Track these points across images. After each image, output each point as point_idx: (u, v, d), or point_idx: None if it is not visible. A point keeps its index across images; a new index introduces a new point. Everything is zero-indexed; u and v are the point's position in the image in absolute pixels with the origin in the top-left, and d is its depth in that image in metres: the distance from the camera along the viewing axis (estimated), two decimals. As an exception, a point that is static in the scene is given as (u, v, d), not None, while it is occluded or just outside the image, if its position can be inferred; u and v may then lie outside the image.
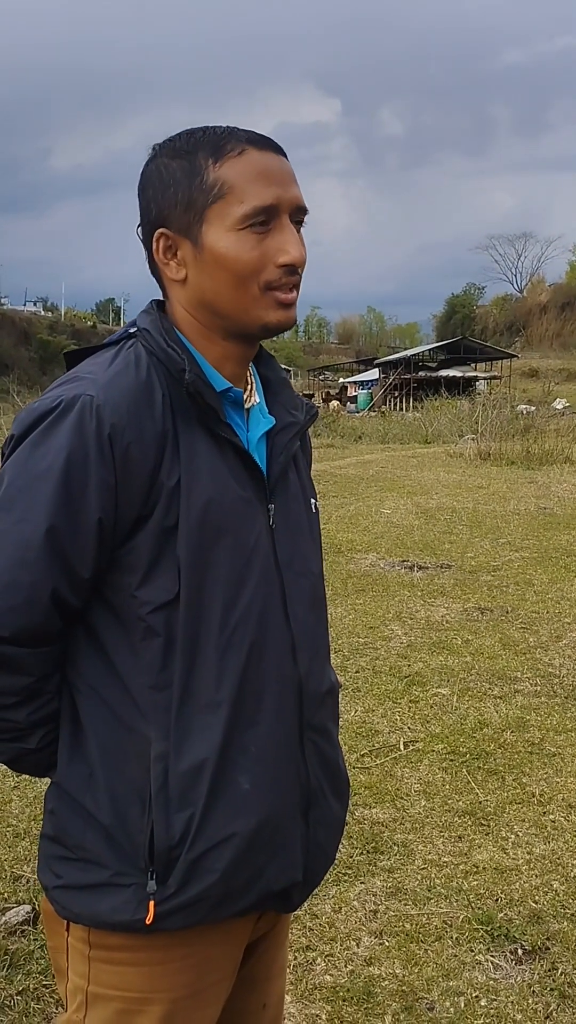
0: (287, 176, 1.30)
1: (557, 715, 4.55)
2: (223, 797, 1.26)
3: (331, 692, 1.45)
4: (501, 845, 3.35)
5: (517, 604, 6.56)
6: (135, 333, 1.33)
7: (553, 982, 2.62)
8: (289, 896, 1.36)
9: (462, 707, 4.65)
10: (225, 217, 1.26)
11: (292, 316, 1.32)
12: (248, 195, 1.26)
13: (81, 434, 1.20)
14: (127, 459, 1.22)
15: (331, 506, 10.68)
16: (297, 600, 1.36)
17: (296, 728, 1.34)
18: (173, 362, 1.27)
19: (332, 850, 1.45)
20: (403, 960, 2.71)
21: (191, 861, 1.24)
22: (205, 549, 1.25)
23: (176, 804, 1.24)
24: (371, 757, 4.07)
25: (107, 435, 1.20)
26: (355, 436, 24.68)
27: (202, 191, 1.27)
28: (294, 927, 2.84)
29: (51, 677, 1.28)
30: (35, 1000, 2.52)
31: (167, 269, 1.33)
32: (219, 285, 1.29)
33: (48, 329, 64.36)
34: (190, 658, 1.25)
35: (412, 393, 43.58)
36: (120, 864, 1.25)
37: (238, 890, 1.28)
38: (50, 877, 1.31)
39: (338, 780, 1.45)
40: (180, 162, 1.29)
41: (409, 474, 14.08)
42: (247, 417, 1.39)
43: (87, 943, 1.29)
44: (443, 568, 7.67)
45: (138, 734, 1.25)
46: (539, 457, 15.71)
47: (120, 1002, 1.29)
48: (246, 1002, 1.50)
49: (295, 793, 1.34)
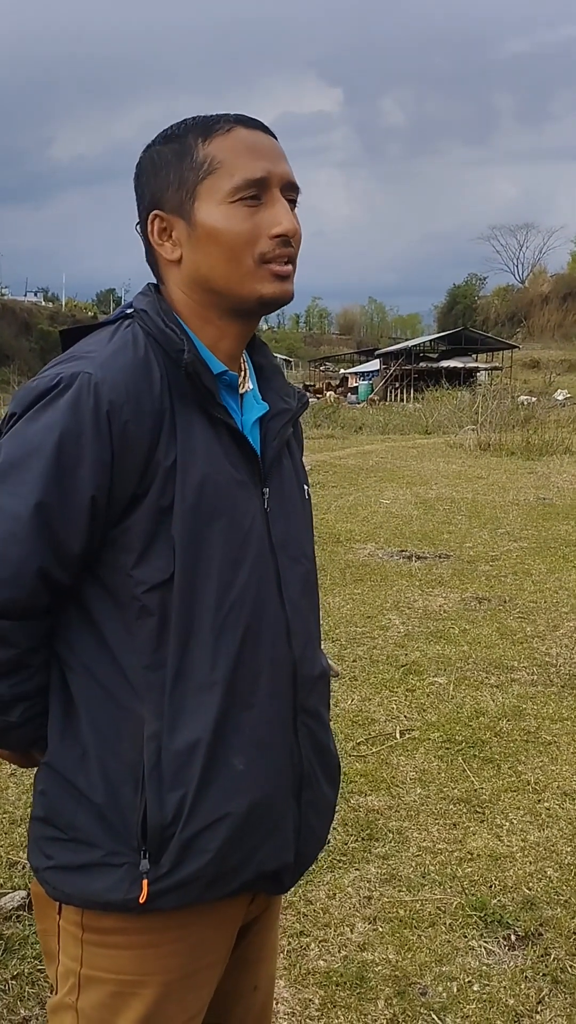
0: (276, 152, 1.32)
1: (553, 704, 4.57)
2: (217, 777, 1.26)
3: (323, 676, 1.46)
4: (496, 832, 3.36)
5: (515, 594, 6.57)
6: (132, 314, 1.34)
7: (546, 967, 2.63)
8: (280, 878, 1.37)
9: (459, 696, 4.66)
10: (216, 191, 1.28)
11: (289, 289, 1.33)
12: (238, 168, 1.28)
13: (77, 411, 1.21)
14: (124, 436, 1.22)
15: (330, 496, 10.68)
16: (291, 584, 1.37)
17: (290, 711, 1.35)
18: (171, 342, 1.28)
19: (323, 833, 1.46)
20: (396, 946, 2.72)
21: (185, 840, 1.24)
22: (200, 529, 1.26)
23: (169, 783, 1.24)
24: (367, 745, 4.08)
25: (105, 412, 1.21)
26: (355, 427, 24.67)
27: (192, 168, 1.29)
28: (288, 912, 2.85)
29: (37, 651, 1.28)
30: (30, 985, 2.53)
31: (162, 250, 1.34)
32: (214, 260, 1.29)
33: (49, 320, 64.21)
34: (184, 638, 1.25)
35: (413, 384, 43.53)
36: (113, 843, 1.25)
37: (231, 870, 1.29)
38: (41, 859, 1.31)
39: (330, 764, 1.46)
40: (171, 146, 1.31)
41: (409, 464, 14.08)
42: (241, 402, 1.39)
43: (80, 926, 1.30)
44: (441, 558, 7.67)
45: (131, 713, 1.25)
46: (539, 448, 15.71)
47: (113, 985, 1.29)
48: (237, 983, 1.50)
49: (288, 775, 1.35)
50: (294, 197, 1.33)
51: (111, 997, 1.30)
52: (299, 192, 1.34)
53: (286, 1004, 2.48)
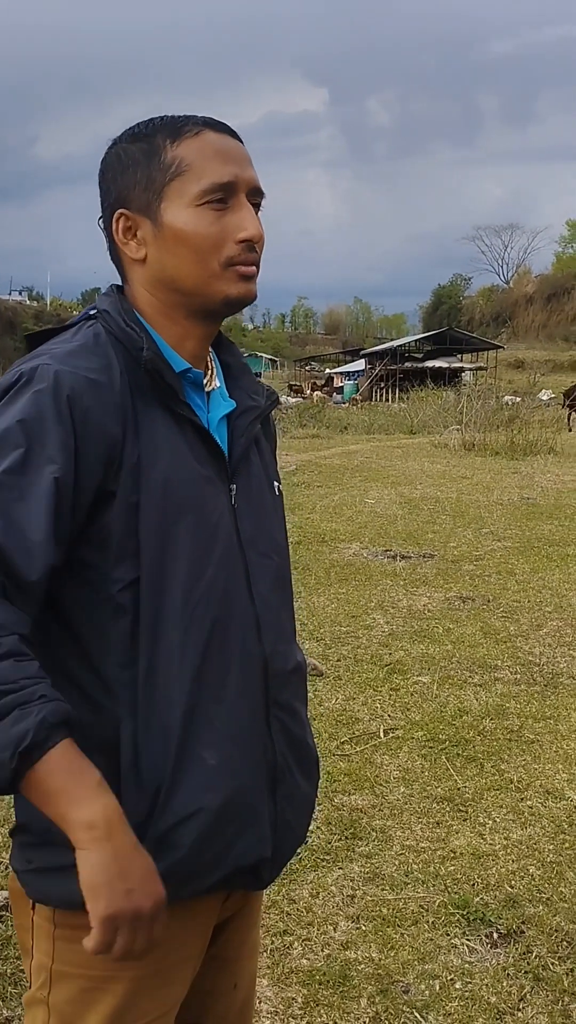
0: (244, 157, 1.34)
1: (536, 703, 4.58)
2: (189, 773, 1.26)
3: (297, 670, 1.46)
4: (478, 831, 3.37)
5: (499, 593, 6.59)
6: (95, 314, 1.35)
7: (528, 965, 2.65)
8: (259, 872, 1.37)
9: (442, 695, 4.67)
10: (184, 194, 1.29)
11: (253, 289, 1.35)
12: (206, 172, 1.29)
13: (37, 399, 1.20)
14: (87, 423, 1.21)
15: (315, 496, 10.70)
16: (261, 579, 1.37)
17: (262, 705, 1.35)
18: (131, 341, 1.29)
19: (301, 828, 1.46)
20: (379, 944, 2.73)
21: (158, 836, 1.24)
22: (167, 525, 1.26)
23: (144, 780, 1.24)
24: (351, 744, 4.09)
25: (65, 398, 1.20)
26: (341, 426, 24.69)
27: (160, 169, 1.30)
28: (271, 911, 2.86)
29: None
30: (12, 985, 2.53)
31: (127, 249, 1.34)
32: (180, 261, 1.31)
33: (34, 319, 63.96)
34: (153, 635, 1.25)
35: (398, 384, 43.61)
36: None
37: (207, 866, 1.29)
38: (22, 862, 1.32)
39: (306, 759, 1.46)
40: (139, 145, 1.32)
41: (394, 464, 14.10)
42: (208, 400, 1.40)
43: (52, 922, 1.30)
44: (426, 558, 7.69)
45: (107, 712, 1.25)
46: (523, 448, 15.77)
47: (83, 980, 1.29)
48: (217, 982, 1.50)
49: (262, 770, 1.35)
50: (259, 201, 1.36)
51: (81, 992, 1.30)
52: (263, 196, 1.36)
53: (269, 1003, 2.48)
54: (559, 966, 2.64)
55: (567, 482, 12.21)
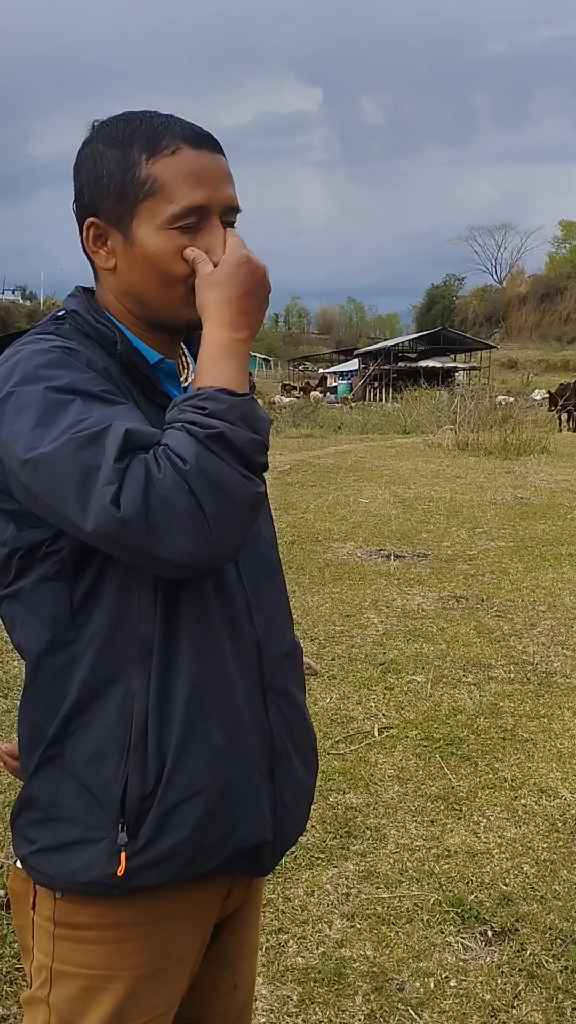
0: (220, 176, 1.31)
1: (530, 702, 4.60)
2: (193, 752, 1.27)
3: (291, 654, 1.46)
4: (473, 829, 3.38)
5: (492, 592, 6.60)
6: (63, 316, 1.34)
7: (522, 963, 2.66)
8: (260, 856, 1.37)
9: (436, 694, 4.68)
10: (155, 215, 1.28)
11: None
12: (178, 195, 1.27)
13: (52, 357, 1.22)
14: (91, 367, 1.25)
15: (309, 495, 10.70)
16: (249, 564, 1.38)
17: (258, 688, 1.36)
18: (105, 337, 1.30)
19: (301, 814, 1.46)
20: (374, 942, 2.74)
21: (162, 813, 1.25)
22: None
23: (153, 754, 1.25)
24: (345, 743, 4.09)
25: (73, 352, 1.23)
26: (334, 426, 24.70)
27: (134, 186, 1.28)
28: (267, 909, 2.86)
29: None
30: (7, 983, 2.53)
31: (96, 258, 1.34)
32: (146, 282, 1.31)
33: (27, 318, 63.94)
34: (168, 615, 1.26)
35: (392, 384, 43.64)
36: (92, 818, 1.26)
37: (210, 846, 1.29)
38: (25, 845, 1.32)
39: (303, 743, 1.46)
40: (115, 152, 1.30)
41: (387, 464, 14.11)
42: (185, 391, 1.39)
43: (52, 921, 1.30)
44: (420, 557, 7.70)
45: (118, 688, 1.26)
46: (516, 447, 15.78)
47: (84, 979, 1.30)
48: (217, 982, 1.51)
49: (261, 752, 1.35)
50: (232, 220, 1.34)
51: (81, 991, 1.30)
52: (239, 212, 1.35)
53: (264, 1001, 2.49)
54: (553, 964, 2.65)
55: (560, 482, 12.23)
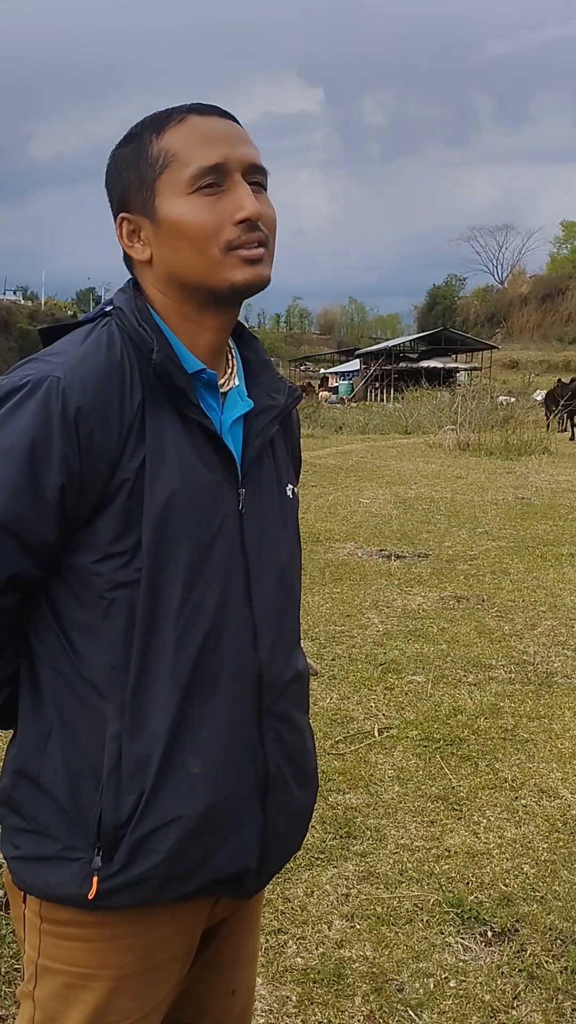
0: (234, 136, 1.29)
1: (531, 702, 4.59)
2: (171, 779, 1.25)
3: (297, 679, 1.43)
4: (473, 830, 3.37)
5: (493, 593, 6.60)
6: (110, 311, 1.33)
7: (522, 963, 2.65)
8: (242, 882, 1.35)
9: (437, 694, 4.68)
10: (174, 185, 1.26)
11: (263, 273, 1.29)
12: (192, 157, 1.26)
13: (47, 416, 1.20)
14: (91, 444, 1.21)
15: (310, 496, 10.69)
16: (261, 585, 1.35)
17: (254, 714, 1.33)
18: (143, 342, 1.27)
19: (294, 838, 1.44)
20: (374, 943, 2.73)
21: (136, 841, 1.24)
22: (168, 530, 1.25)
23: (127, 784, 1.24)
24: (345, 743, 4.09)
25: (72, 416, 1.20)
26: (335, 426, 24.70)
27: (149, 165, 1.28)
28: (266, 910, 2.85)
29: (10, 642, 1.29)
30: (6, 984, 2.52)
31: (133, 252, 1.32)
32: (181, 254, 1.28)
33: (28, 318, 63.95)
34: (147, 639, 1.25)
35: (393, 384, 43.62)
36: (70, 838, 1.26)
37: (184, 873, 1.27)
38: (10, 848, 1.32)
39: (303, 768, 1.43)
40: (130, 146, 1.31)
41: (388, 464, 14.11)
42: (223, 400, 1.37)
43: (39, 916, 1.30)
44: (420, 557, 7.70)
45: (96, 712, 1.25)
46: (517, 448, 15.81)
47: (66, 976, 1.29)
48: (213, 987, 1.49)
49: (250, 779, 1.33)
50: (260, 179, 1.31)
51: (64, 988, 1.30)
52: (267, 174, 1.32)
53: (264, 1001, 2.48)
54: (553, 964, 2.64)
55: (561, 482, 12.24)
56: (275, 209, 1.33)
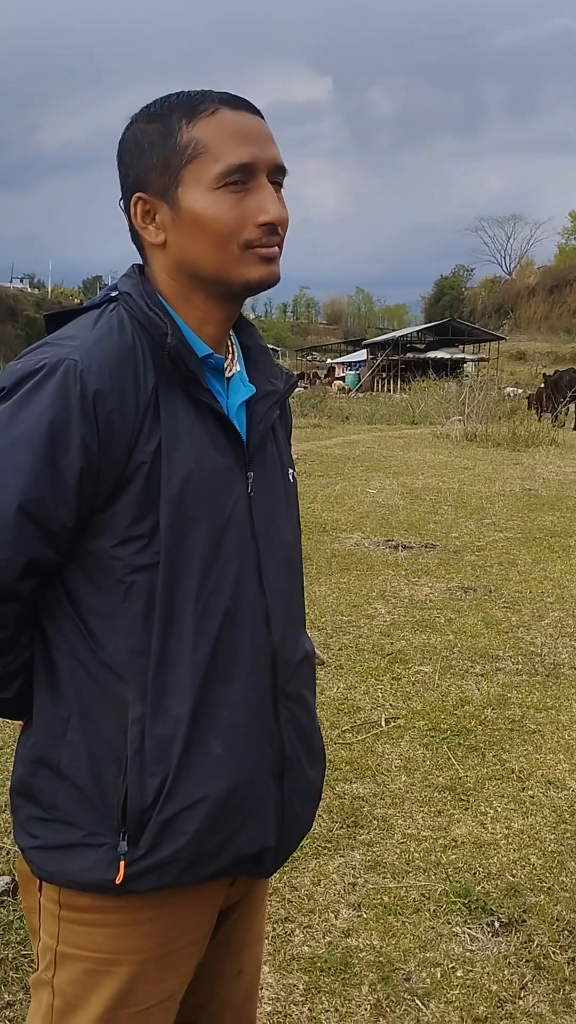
0: (263, 135, 1.29)
1: (538, 693, 4.58)
2: (195, 761, 1.26)
3: (306, 660, 1.45)
4: (480, 820, 3.37)
5: (500, 584, 6.58)
6: (116, 297, 1.32)
7: (529, 954, 2.65)
8: (262, 861, 1.37)
9: (444, 684, 4.67)
10: (201, 177, 1.25)
11: (275, 271, 1.31)
12: (223, 153, 1.25)
13: (65, 398, 1.19)
14: (109, 426, 1.21)
15: (316, 485, 10.68)
16: (272, 569, 1.36)
17: (269, 695, 1.35)
18: (155, 326, 1.27)
19: (307, 817, 1.46)
20: (380, 932, 2.73)
21: (162, 823, 1.24)
22: (185, 513, 1.25)
23: (151, 767, 1.24)
24: (352, 733, 4.08)
25: (91, 400, 1.20)
26: (342, 416, 24.67)
27: (176, 152, 1.26)
28: (273, 899, 2.85)
29: (25, 630, 1.28)
30: (13, 970, 2.53)
31: (146, 234, 1.31)
32: (199, 246, 1.27)
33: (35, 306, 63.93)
34: (167, 622, 1.25)
35: (400, 374, 43.54)
36: (93, 824, 1.26)
37: (209, 853, 1.28)
38: (26, 838, 1.31)
39: (313, 747, 1.46)
40: (155, 126, 1.28)
41: (395, 454, 14.09)
42: (227, 385, 1.38)
43: (57, 903, 1.30)
44: (427, 548, 7.68)
45: (116, 696, 1.25)
46: (525, 439, 15.75)
47: (88, 962, 1.30)
48: (221, 968, 1.51)
49: (268, 759, 1.34)
50: (280, 180, 1.31)
51: (85, 974, 1.30)
52: (286, 174, 1.32)
53: (270, 989, 2.48)
54: (560, 955, 2.64)
55: (568, 473, 12.20)
56: None
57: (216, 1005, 1.53)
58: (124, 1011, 1.30)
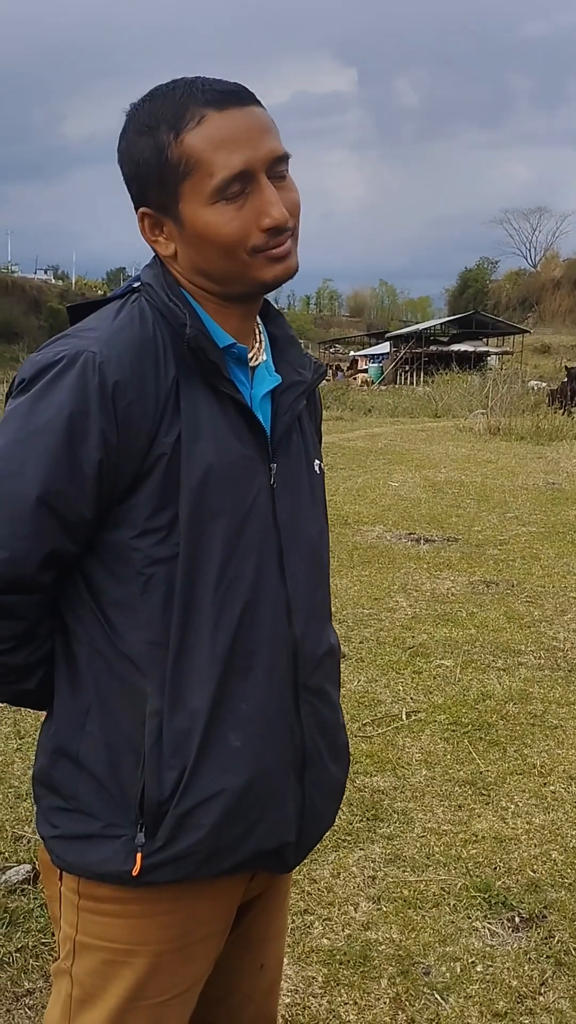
0: (256, 130, 1.24)
1: (560, 688, 4.55)
2: (213, 753, 1.26)
3: (330, 654, 1.44)
4: (501, 815, 3.35)
5: (523, 578, 6.55)
6: (138, 288, 1.32)
7: (549, 949, 2.63)
8: (282, 856, 1.36)
9: (465, 679, 4.65)
10: (198, 193, 1.23)
11: (291, 265, 1.29)
12: (216, 166, 1.22)
13: (84, 390, 1.19)
14: (128, 418, 1.21)
15: (339, 478, 10.66)
16: (295, 561, 1.35)
17: (290, 688, 1.34)
18: (175, 316, 1.26)
19: (329, 813, 1.45)
20: (400, 925, 2.72)
21: (179, 815, 1.24)
22: (205, 505, 1.25)
23: (168, 759, 1.24)
24: (373, 726, 4.08)
25: (110, 391, 1.19)
26: (364, 409, 24.61)
27: (169, 169, 1.24)
28: (292, 891, 2.85)
29: (45, 620, 1.28)
30: (34, 957, 2.54)
31: (157, 246, 1.32)
32: (208, 257, 1.27)
33: (59, 298, 64.10)
34: (186, 614, 1.25)
35: (423, 367, 43.38)
36: (111, 816, 1.26)
37: (227, 847, 1.28)
38: (47, 827, 1.32)
39: (336, 743, 1.45)
40: (145, 139, 1.26)
41: (418, 447, 14.04)
42: (252, 375, 1.37)
43: (77, 893, 1.30)
44: (450, 541, 7.65)
45: (135, 688, 1.25)
46: (549, 433, 15.67)
47: (106, 952, 1.30)
48: (243, 962, 1.50)
49: (288, 753, 1.34)
50: (286, 167, 1.28)
51: (103, 964, 1.30)
52: (289, 158, 1.28)
53: (289, 981, 2.48)
54: (581, 951, 2.62)
55: (593, 468, 12.11)
56: (298, 191, 1.30)
57: (237, 999, 1.53)
58: (141, 1002, 1.30)
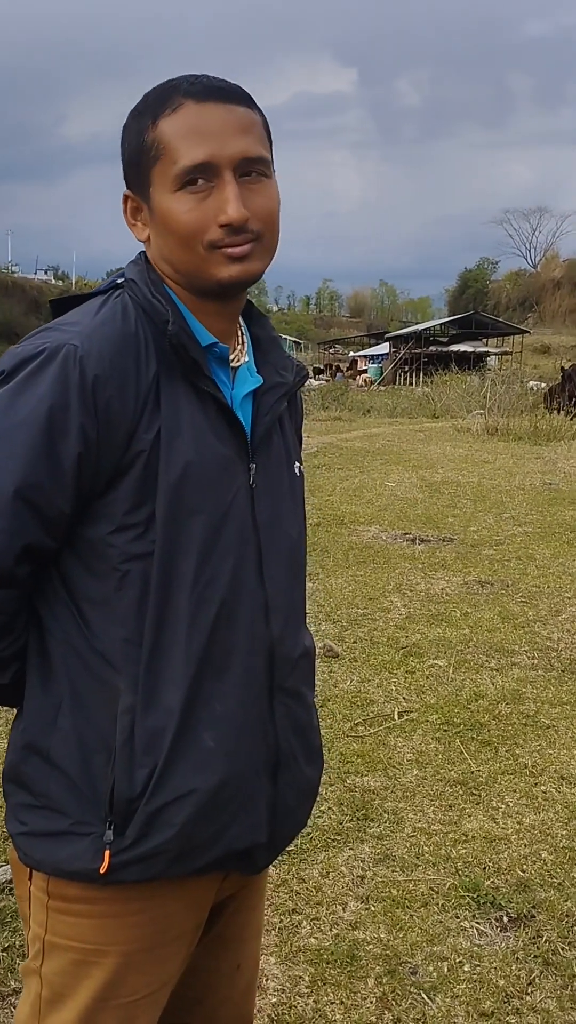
0: (230, 127, 1.24)
1: (553, 688, 4.55)
2: (186, 752, 1.25)
3: (305, 656, 1.44)
4: (491, 815, 3.35)
5: (518, 578, 6.54)
6: (122, 283, 1.32)
7: (537, 949, 2.63)
8: (253, 857, 1.35)
9: (458, 679, 4.65)
10: (164, 179, 1.24)
11: (250, 269, 1.28)
12: (180, 154, 1.22)
13: (64, 383, 1.19)
14: (108, 412, 1.20)
15: (336, 478, 10.66)
16: (273, 562, 1.35)
17: (265, 690, 1.33)
18: (157, 313, 1.26)
19: (302, 814, 1.45)
20: (388, 925, 2.72)
21: (149, 813, 1.24)
22: (182, 502, 1.24)
23: (140, 757, 1.24)
24: (365, 726, 4.07)
25: (91, 385, 1.19)
26: (363, 409, 24.60)
27: (143, 152, 1.26)
28: (281, 890, 2.85)
29: (21, 615, 1.28)
30: (20, 957, 2.53)
31: (134, 231, 1.32)
32: (170, 246, 1.27)
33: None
34: (161, 612, 1.24)
35: (422, 367, 43.38)
36: (81, 813, 1.25)
37: (198, 847, 1.28)
38: (16, 824, 1.31)
39: (310, 745, 1.44)
40: (135, 122, 1.28)
41: (415, 448, 14.03)
42: (234, 376, 1.37)
43: (46, 892, 1.30)
44: (445, 541, 7.65)
45: (108, 685, 1.25)
46: (547, 433, 15.64)
47: (75, 952, 1.29)
48: (219, 962, 1.50)
49: (262, 754, 1.33)
50: (259, 169, 1.26)
51: (72, 965, 1.30)
52: (266, 163, 1.28)
53: (276, 981, 2.48)
54: (569, 951, 2.62)
55: (590, 468, 12.10)
56: (277, 200, 1.30)
57: (214, 1000, 1.52)
58: (111, 1003, 1.30)
